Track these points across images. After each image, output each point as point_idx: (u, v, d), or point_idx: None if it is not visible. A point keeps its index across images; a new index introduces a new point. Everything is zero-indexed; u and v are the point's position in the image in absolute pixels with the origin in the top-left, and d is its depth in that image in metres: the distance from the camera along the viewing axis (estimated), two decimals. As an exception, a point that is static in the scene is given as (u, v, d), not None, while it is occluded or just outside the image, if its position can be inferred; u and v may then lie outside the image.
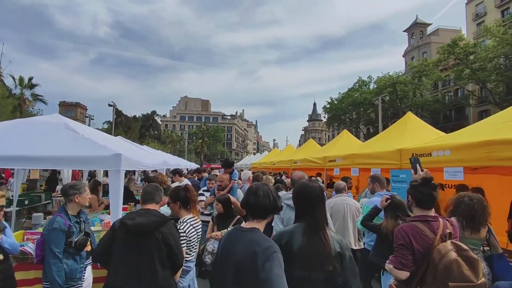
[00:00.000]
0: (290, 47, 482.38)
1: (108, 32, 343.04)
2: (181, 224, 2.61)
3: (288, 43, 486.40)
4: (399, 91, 35.59)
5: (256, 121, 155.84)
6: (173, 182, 6.78)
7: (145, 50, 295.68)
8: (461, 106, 36.15)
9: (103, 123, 52.49)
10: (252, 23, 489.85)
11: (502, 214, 4.51)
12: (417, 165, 2.51)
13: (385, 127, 25.36)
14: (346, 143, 8.98)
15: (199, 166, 30.50)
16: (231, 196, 4.12)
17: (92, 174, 10.94)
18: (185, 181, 6.38)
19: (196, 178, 8.85)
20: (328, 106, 46.29)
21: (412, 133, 6.06)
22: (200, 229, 2.84)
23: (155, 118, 68.88)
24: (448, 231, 2.06)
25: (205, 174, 9.27)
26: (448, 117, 38.67)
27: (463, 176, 3.99)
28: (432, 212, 2.18)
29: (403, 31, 50.24)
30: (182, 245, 2.44)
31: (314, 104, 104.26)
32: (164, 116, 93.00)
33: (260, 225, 1.70)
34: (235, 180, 4.57)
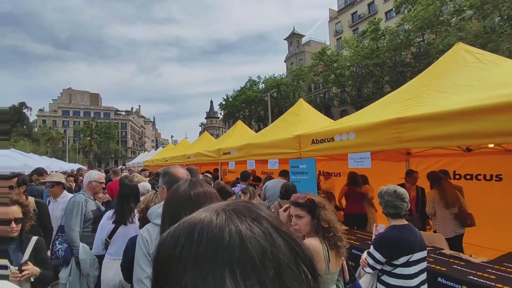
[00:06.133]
0: (188, 46, 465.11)
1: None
2: None
3: (187, 43, 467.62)
4: (283, 91, 38.54)
5: (154, 118, 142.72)
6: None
7: (21, 35, 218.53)
8: (328, 106, 41.96)
9: None
10: (149, 19, 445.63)
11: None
12: None
13: (274, 122, 26.32)
14: (241, 134, 7.75)
15: (82, 167, 23.86)
16: None
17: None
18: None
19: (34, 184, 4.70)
20: (224, 103, 45.89)
21: (308, 118, 5.25)
22: None
23: (25, 111, 51.87)
24: None
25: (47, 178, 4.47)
26: (319, 115, 44.30)
27: (370, 162, 3.16)
28: None
29: (284, 39, 55.89)
30: None
31: (211, 102, 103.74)
32: (41, 110, 73.01)
33: None
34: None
